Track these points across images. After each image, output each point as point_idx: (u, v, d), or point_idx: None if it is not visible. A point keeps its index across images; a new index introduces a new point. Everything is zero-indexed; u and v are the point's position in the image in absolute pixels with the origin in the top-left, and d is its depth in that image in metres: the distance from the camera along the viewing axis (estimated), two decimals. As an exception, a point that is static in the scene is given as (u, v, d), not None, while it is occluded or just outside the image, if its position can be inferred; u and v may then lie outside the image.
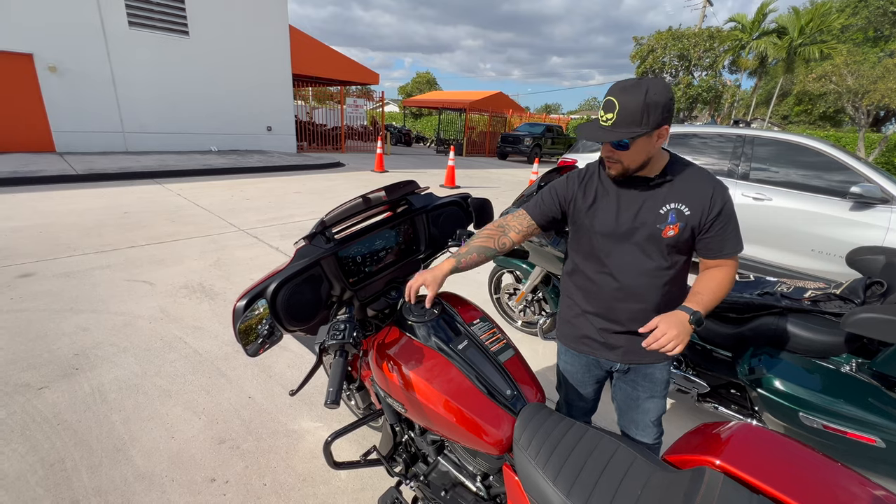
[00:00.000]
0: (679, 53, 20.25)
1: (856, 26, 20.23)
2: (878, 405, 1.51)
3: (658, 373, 1.35)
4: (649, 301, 1.24)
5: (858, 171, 3.53)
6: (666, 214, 1.17)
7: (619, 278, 1.24)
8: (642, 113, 1.03)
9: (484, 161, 16.46)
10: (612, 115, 1.06)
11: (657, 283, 1.23)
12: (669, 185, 1.18)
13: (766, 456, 0.89)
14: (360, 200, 1.30)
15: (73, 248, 4.06)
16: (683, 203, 1.16)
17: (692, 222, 1.16)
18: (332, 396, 0.92)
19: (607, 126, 1.07)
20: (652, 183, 1.18)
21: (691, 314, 1.11)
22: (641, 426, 1.41)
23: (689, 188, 1.17)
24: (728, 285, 1.20)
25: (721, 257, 1.21)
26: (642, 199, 1.19)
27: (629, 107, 1.03)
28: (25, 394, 2.12)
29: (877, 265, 1.92)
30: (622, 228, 1.20)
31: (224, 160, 9.62)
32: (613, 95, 1.06)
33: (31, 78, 8.52)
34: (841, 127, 22.18)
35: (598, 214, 1.23)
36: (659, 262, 1.21)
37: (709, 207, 1.15)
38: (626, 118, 1.04)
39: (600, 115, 1.09)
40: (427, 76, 48.55)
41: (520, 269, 2.92)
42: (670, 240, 1.18)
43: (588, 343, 1.36)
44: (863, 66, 13.33)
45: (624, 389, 1.41)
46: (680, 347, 1.07)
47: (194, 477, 1.75)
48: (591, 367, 1.41)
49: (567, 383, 1.49)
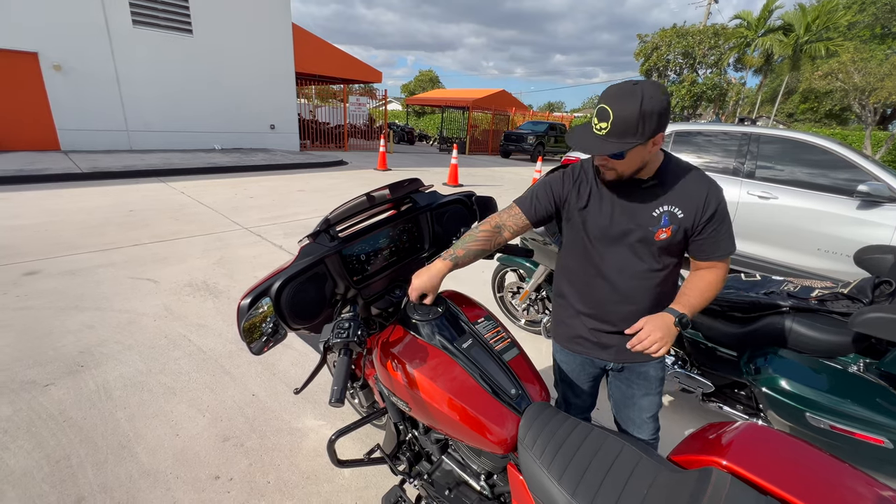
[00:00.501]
0: (683, 51, 20.15)
1: (863, 23, 20.03)
2: (887, 406, 1.50)
3: (652, 370, 1.35)
4: (641, 302, 1.24)
5: (866, 169, 3.49)
6: (659, 217, 1.15)
7: (610, 280, 1.24)
8: (637, 123, 0.98)
9: (487, 159, 16.43)
10: (605, 124, 1.02)
11: (648, 285, 1.22)
12: (663, 188, 1.16)
13: (774, 456, 0.88)
14: (364, 199, 1.29)
15: (77, 245, 4.08)
16: (676, 206, 1.15)
17: (685, 224, 1.15)
18: (336, 395, 0.92)
19: (601, 135, 1.03)
20: (645, 185, 1.17)
21: (677, 316, 1.11)
22: (638, 423, 1.41)
23: (683, 190, 1.15)
24: (717, 287, 1.19)
25: (713, 259, 1.19)
26: (635, 203, 1.18)
27: (624, 116, 0.99)
28: (31, 391, 2.14)
29: (885, 264, 1.90)
30: (615, 231, 1.19)
31: (228, 158, 9.65)
32: (607, 103, 1.01)
33: (36, 76, 8.57)
34: (847, 125, 22.02)
35: (591, 216, 1.22)
36: (650, 264, 1.21)
37: (702, 209, 1.13)
38: (620, 128, 1.00)
39: (594, 122, 1.05)
40: (430, 74, 48.45)
41: (523, 267, 2.91)
42: (662, 242, 1.17)
43: (581, 343, 1.37)
44: (870, 63, 13.21)
45: (619, 387, 1.42)
46: (664, 349, 1.09)
47: (199, 474, 1.75)
48: (585, 365, 1.42)
49: (564, 381, 1.50)
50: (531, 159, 16.07)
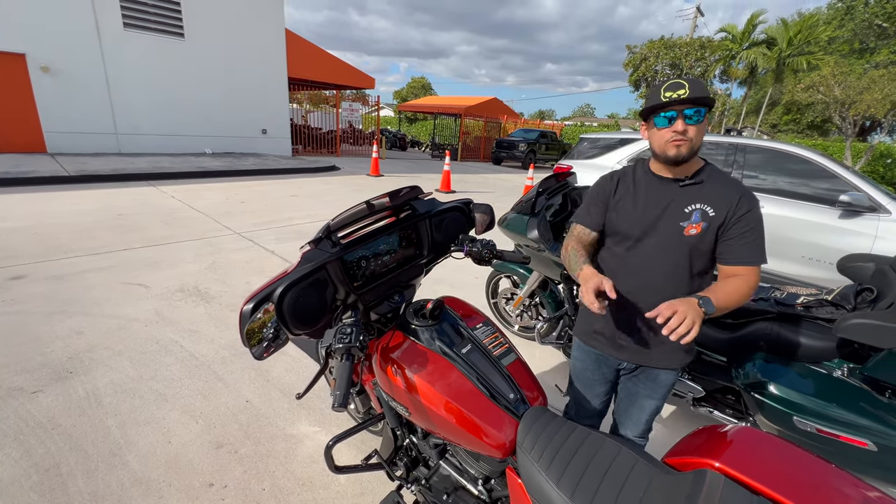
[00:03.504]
0: (671, 62, 20.55)
1: (842, 38, 20.69)
2: (870, 409, 1.55)
3: (663, 376, 1.38)
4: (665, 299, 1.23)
5: (847, 179, 3.61)
6: (690, 213, 1.20)
7: (638, 273, 1.28)
8: (707, 90, 1.11)
9: (479, 166, 16.54)
10: (683, 90, 1.11)
11: (676, 282, 1.25)
12: (699, 188, 1.22)
13: (766, 459, 0.91)
14: (364, 206, 1.31)
15: (66, 250, 4.01)
16: (709, 205, 1.19)
17: (716, 223, 1.18)
18: (339, 400, 0.93)
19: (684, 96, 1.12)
20: (683, 184, 1.22)
21: (700, 298, 1.07)
22: (635, 420, 1.45)
23: (719, 192, 1.20)
24: (744, 293, 1.16)
25: (740, 264, 1.19)
26: (669, 199, 1.23)
27: (698, 84, 1.11)
28: (19, 398, 2.10)
29: (867, 272, 1.97)
30: (644, 224, 1.25)
31: (219, 163, 9.58)
32: (677, 80, 1.14)
33: (24, 78, 8.44)
34: (828, 136, 22.62)
35: (624, 209, 1.29)
36: (679, 261, 1.23)
37: (734, 208, 1.18)
38: (699, 89, 1.11)
39: (667, 95, 1.13)
40: (422, 81, 48.75)
41: (517, 273, 2.94)
42: (692, 239, 1.20)
43: (598, 339, 1.41)
44: (849, 77, 13.62)
45: (627, 386, 1.46)
46: (694, 332, 1.00)
47: (192, 482, 1.73)
48: (601, 363, 1.45)
49: (578, 381, 1.53)
50: (522, 166, 16.20)
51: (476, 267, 4.30)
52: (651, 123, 1.21)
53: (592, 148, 5.40)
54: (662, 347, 1.32)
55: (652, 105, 1.16)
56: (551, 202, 2.66)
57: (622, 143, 5.09)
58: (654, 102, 1.15)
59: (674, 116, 1.14)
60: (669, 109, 1.14)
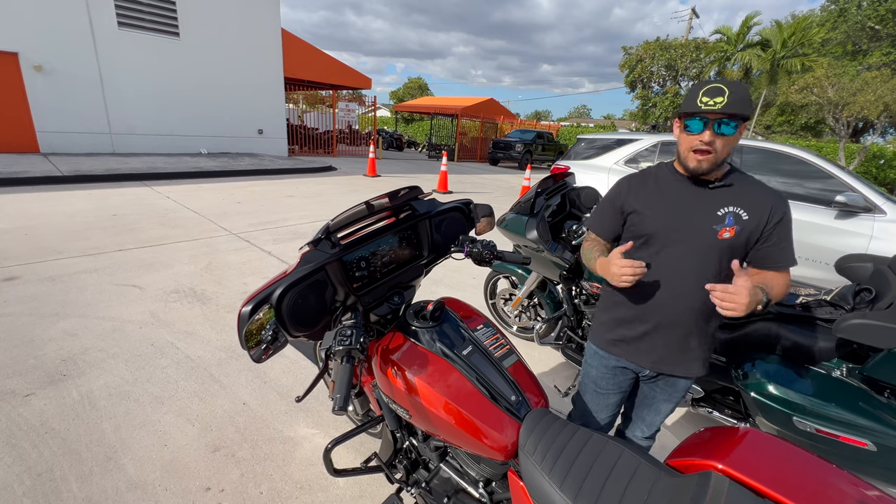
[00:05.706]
0: (667, 63, 20.66)
1: (835, 40, 20.90)
2: (869, 409, 1.55)
3: (682, 382, 1.36)
4: (693, 305, 1.22)
5: (843, 180, 3.63)
6: (723, 216, 1.17)
7: (666, 278, 1.23)
8: (749, 99, 1.06)
9: (475, 166, 16.54)
10: (721, 98, 1.05)
11: (704, 286, 1.19)
12: (728, 190, 1.19)
13: (769, 460, 0.91)
14: (363, 206, 1.30)
15: (59, 251, 3.97)
16: (742, 208, 1.16)
17: (749, 227, 1.16)
18: (339, 402, 0.91)
19: (718, 108, 1.06)
20: (712, 186, 1.19)
21: (762, 289, 1.08)
22: (648, 422, 1.44)
23: (750, 195, 1.18)
24: (782, 289, 1.16)
25: (777, 269, 1.19)
26: (699, 202, 1.20)
27: (739, 92, 1.05)
28: (11, 401, 2.06)
29: (865, 272, 1.98)
30: (675, 227, 1.21)
31: (214, 163, 9.51)
32: (719, 84, 1.07)
33: (16, 77, 8.35)
34: (822, 137, 22.81)
35: (650, 214, 1.24)
36: (709, 264, 1.19)
37: (769, 215, 1.15)
38: (738, 100, 1.05)
39: (704, 101, 1.07)
40: (419, 81, 48.68)
41: (515, 274, 2.94)
42: (725, 242, 1.17)
43: (620, 346, 1.36)
44: (842, 78, 13.74)
45: (643, 390, 1.44)
46: (740, 311, 1.03)
47: (188, 486, 1.71)
48: (618, 372, 1.40)
49: (589, 390, 1.48)
50: (519, 167, 16.22)
51: (474, 267, 4.29)
52: (683, 123, 1.16)
53: (589, 148, 5.41)
54: (686, 356, 1.29)
55: (685, 110, 1.12)
56: (550, 202, 2.65)
57: (619, 144, 5.10)
58: (690, 108, 1.10)
59: (706, 123, 1.10)
60: (703, 115, 1.09)
